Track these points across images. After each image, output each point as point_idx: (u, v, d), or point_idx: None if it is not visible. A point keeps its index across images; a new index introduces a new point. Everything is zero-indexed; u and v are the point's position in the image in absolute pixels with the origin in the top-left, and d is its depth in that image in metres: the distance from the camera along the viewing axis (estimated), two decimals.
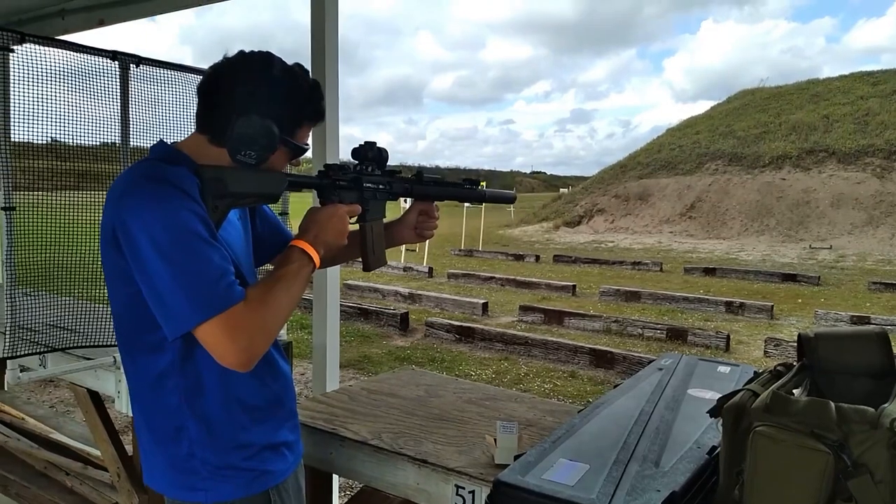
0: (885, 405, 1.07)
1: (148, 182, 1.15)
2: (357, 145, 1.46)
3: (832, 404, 1.06)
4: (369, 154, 1.46)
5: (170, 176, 1.16)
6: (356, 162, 1.46)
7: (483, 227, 20.07)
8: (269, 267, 1.53)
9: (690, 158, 24.44)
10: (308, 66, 2.62)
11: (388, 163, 1.53)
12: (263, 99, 1.22)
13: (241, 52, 1.27)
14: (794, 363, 1.40)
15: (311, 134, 1.39)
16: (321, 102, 1.33)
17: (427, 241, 1.77)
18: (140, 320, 1.20)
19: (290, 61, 1.30)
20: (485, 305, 9.69)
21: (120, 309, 1.25)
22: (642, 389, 1.77)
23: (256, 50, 1.28)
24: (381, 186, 1.49)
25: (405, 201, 1.64)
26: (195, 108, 1.30)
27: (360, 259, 1.55)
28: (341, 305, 8.50)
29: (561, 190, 33.29)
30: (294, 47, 2.73)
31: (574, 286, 11.62)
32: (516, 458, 1.38)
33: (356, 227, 1.47)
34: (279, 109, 1.23)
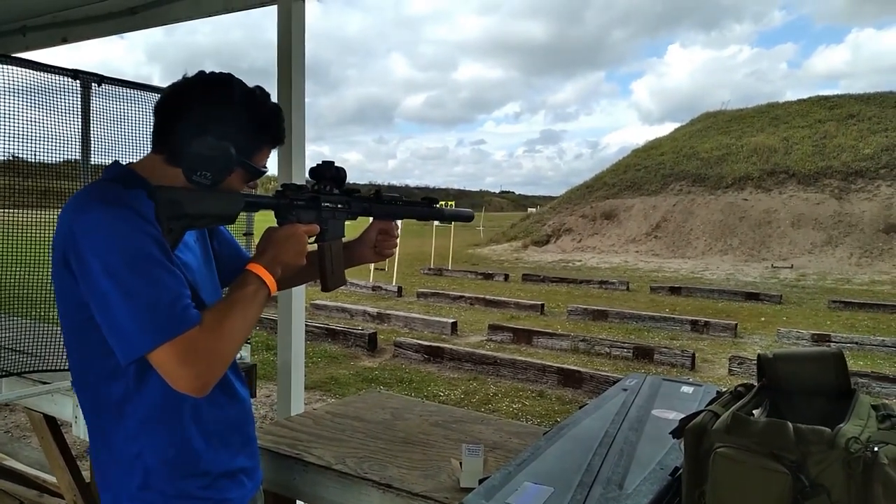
0: (841, 425, 1.09)
1: (101, 204, 1.12)
2: (314, 164, 1.45)
3: (790, 425, 1.07)
4: (327, 173, 1.44)
5: (123, 198, 1.14)
6: (314, 181, 1.45)
7: (452, 246, 20.11)
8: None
9: (655, 179, 24.87)
10: (275, 83, 2.62)
11: (359, 182, 1.54)
12: (221, 120, 1.20)
13: (201, 73, 1.26)
14: (755, 383, 1.42)
15: (276, 154, 1.38)
16: (281, 126, 1.32)
17: (387, 259, 1.77)
18: (92, 345, 1.17)
19: (260, 79, 1.30)
20: (454, 325, 9.67)
21: (71, 333, 1.21)
22: (607, 410, 1.78)
23: (217, 71, 1.27)
24: (339, 205, 1.47)
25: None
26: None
27: (318, 279, 1.54)
28: (309, 326, 8.44)
29: (529, 209, 33.56)
30: (265, 65, 2.73)
31: (542, 305, 11.68)
32: (481, 481, 1.38)
33: (314, 247, 1.46)
34: (237, 131, 1.21)
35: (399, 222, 1.66)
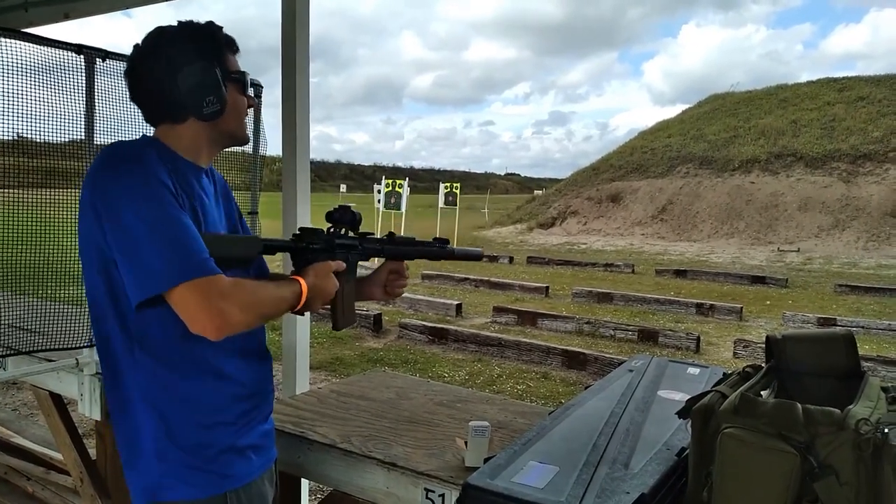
0: (851, 406, 1.08)
1: (124, 156, 1.20)
2: (332, 209, 1.49)
3: (799, 406, 1.06)
4: (345, 217, 1.49)
5: (139, 151, 1.21)
6: (330, 225, 1.49)
7: (458, 228, 20.08)
8: None
9: (662, 161, 24.72)
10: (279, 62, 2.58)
11: (364, 164, 1.56)
12: (182, 54, 1.25)
13: (136, 45, 1.31)
14: (763, 364, 1.41)
15: (279, 136, 1.42)
16: (222, 30, 1.35)
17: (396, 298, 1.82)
18: (114, 289, 1.20)
19: (270, 58, 1.36)
20: (459, 307, 9.68)
21: (96, 289, 1.23)
22: (613, 391, 1.77)
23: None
24: (352, 248, 1.52)
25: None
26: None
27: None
28: None
29: (535, 192, 33.46)
30: (275, 44, 2.71)
31: (547, 287, 11.67)
32: (486, 460, 1.37)
33: None
34: (199, 53, 1.26)
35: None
